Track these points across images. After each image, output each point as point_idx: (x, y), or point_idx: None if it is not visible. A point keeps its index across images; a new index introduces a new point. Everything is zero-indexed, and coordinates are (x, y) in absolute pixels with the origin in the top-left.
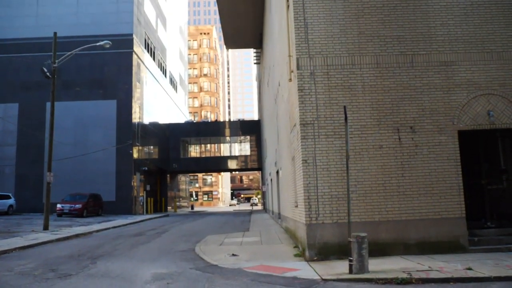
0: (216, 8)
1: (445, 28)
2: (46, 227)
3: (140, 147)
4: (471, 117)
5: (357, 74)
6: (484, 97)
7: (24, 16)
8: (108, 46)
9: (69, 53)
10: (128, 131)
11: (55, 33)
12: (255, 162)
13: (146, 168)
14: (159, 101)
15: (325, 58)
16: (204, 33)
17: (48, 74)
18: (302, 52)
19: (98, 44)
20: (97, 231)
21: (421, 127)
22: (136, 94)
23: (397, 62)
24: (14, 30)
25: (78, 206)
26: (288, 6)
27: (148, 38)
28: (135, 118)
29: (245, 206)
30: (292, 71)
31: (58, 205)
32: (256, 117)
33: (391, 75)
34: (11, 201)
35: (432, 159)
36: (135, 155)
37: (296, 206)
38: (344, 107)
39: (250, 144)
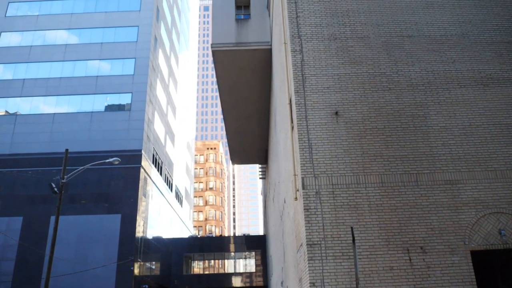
0: (223, 124)
1: (447, 147)
2: None
3: (142, 263)
4: (482, 237)
5: (363, 194)
6: (494, 216)
7: (39, 133)
8: (117, 163)
9: (78, 169)
10: (131, 246)
11: (66, 150)
12: (261, 279)
13: (147, 286)
14: (163, 215)
15: (330, 178)
16: (211, 148)
17: (55, 189)
18: (307, 171)
19: (107, 161)
20: None
21: (432, 247)
22: (141, 208)
23: (401, 181)
24: (27, 146)
25: None
26: (292, 128)
27: (156, 154)
28: (139, 232)
29: None
30: (298, 190)
31: None
32: (261, 232)
33: (397, 194)
34: None
35: (446, 282)
36: (136, 272)
37: None
38: (351, 228)
39: (255, 260)
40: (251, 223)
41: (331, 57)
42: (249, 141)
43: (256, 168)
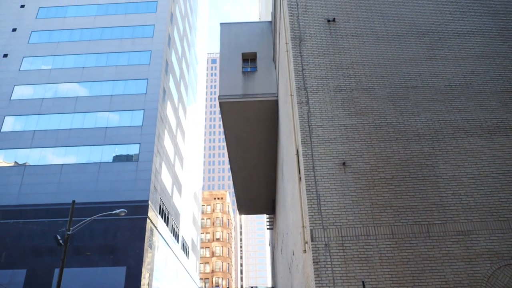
0: (230, 174)
1: (457, 197)
2: None
3: None
4: None
5: (373, 245)
6: (509, 268)
7: (47, 183)
8: (123, 214)
9: (84, 221)
10: None
11: (73, 202)
12: None
13: None
14: (169, 267)
15: (339, 229)
16: (218, 198)
17: (61, 241)
18: (315, 223)
19: (114, 212)
20: None
21: None
22: (147, 259)
23: (412, 232)
24: (35, 196)
25: None
26: (300, 178)
27: (163, 204)
28: (144, 285)
29: None
30: (306, 242)
31: None
32: (269, 284)
33: (408, 245)
34: None
35: None
36: None
37: None
38: (363, 282)
39: None
40: (258, 275)
41: (337, 108)
42: (256, 191)
43: (263, 218)
